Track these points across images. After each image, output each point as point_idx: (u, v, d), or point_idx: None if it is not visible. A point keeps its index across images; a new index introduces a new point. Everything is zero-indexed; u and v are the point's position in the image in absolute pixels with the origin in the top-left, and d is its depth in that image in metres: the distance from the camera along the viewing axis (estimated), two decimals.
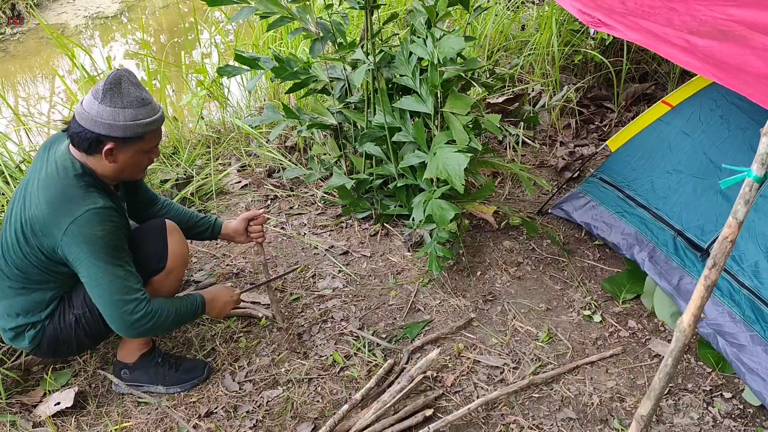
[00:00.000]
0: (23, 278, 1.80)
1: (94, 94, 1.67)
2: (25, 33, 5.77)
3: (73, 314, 1.84)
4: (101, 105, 1.65)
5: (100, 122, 1.66)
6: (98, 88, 1.67)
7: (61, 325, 1.85)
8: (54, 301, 1.85)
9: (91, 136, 1.67)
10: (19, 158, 3.05)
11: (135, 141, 1.71)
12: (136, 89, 1.69)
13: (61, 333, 1.85)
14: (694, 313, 1.29)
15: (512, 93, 3.76)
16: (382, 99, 2.57)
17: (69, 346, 1.90)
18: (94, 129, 1.66)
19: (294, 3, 2.49)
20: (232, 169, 3.29)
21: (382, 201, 2.90)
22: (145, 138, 1.73)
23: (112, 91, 1.66)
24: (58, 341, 1.87)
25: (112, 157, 1.72)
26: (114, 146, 1.70)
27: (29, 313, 1.83)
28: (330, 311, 2.42)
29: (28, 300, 1.82)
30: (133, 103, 1.68)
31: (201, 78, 3.72)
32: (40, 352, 1.91)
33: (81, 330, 1.86)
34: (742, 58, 1.37)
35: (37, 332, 1.84)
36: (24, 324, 1.84)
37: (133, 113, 1.67)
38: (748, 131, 2.27)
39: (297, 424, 1.96)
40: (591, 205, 2.72)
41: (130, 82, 1.68)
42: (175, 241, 1.97)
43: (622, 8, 1.64)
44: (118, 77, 1.67)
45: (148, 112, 1.71)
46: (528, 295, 2.54)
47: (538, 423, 1.99)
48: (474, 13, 2.62)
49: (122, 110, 1.66)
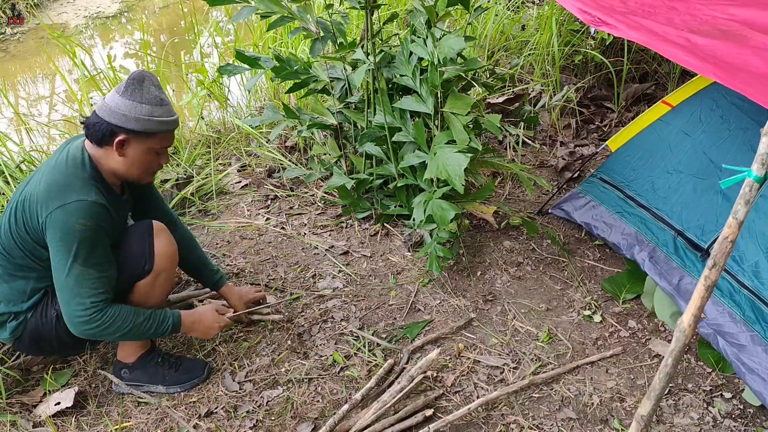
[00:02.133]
0: (7, 261, 1.82)
1: (117, 89, 1.75)
2: (25, 33, 5.78)
3: (55, 309, 1.85)
4: (122, 98, 1.73)
5: (117, 113, 1.72)
6: (122, 83, 1.75)
7: (43, 319, 1.86)
8: (37, 294, 1.86)
9: (106, 127, 1.73)
10: (20, 158, 3.05)
11: (147, 137, 1.76)
12: (156, 90, 1.77)
13: (42, 328, 1.86)
14: (694, 313, 1.29)
15: (512, 93, 3.76)
16: (382, 99, 2.57)
17: (50, 343, 1.90)
18: (110, 120, 1.72)
19: (294, 2, 2.49)
20: (233, 169, 3.29)
21: (382, 201, 2.90)
22: (157, 136, 1.78)
23: (134, 86, 1.73)
24: (40, 336, 1.87)
25: (122, 150, 1.77)
26: (126, 138, 1.75)
27: (11, 301, 1.85)
28: (330, 311, 2.42)
29: (11, 287, 1.85)
30: (152, 100, 1.74)
31: (201, 78, 3.72)
32: (22, 345, 1.92)
33: (62, 328, 1.84)
34: (742, 58, 1.37)
35: (18, 324, 1.85)
36: (6, 312, 1.85)
37: (149, 109, 1.74)
38: (749, 131, 2.27)
39: (297, 424, 1.96)
40: (591, 205, 2.72)
41: (152, 82, 1.76)
42: (163, 243, 1.92)
43: (623, 7, 1.64)
44: (141, 76, 1.75)
45: (164, 112, 1.77)
46: (528, 295, 2.54)
47: (539, 423, 1.99)
48: (474, 13, 2.62)
49: (140, 105, 1.73)
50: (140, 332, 1.84)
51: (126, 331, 1.80)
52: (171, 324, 1.91)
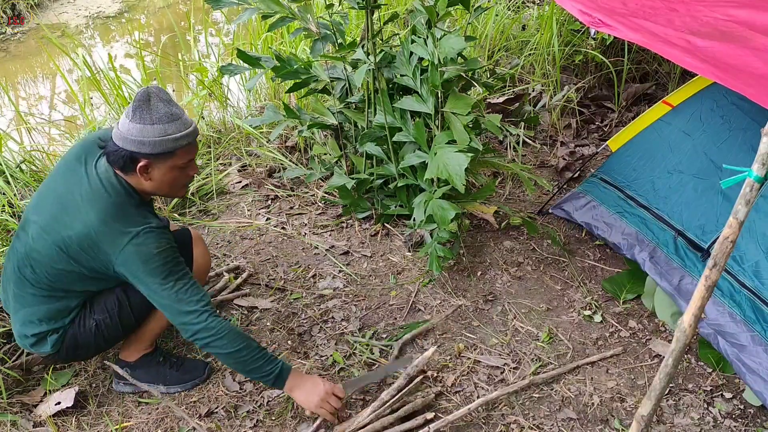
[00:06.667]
0: (50, 287, 1.79)
1: (126, 113, 1.70)
2: (25, 33, 5.77)
3: (94, 319, 1.85)
4: (131, 123, 1.67)
5: (130, 139, 1.67)
6: (129, 107, 1.69)
7: (81, 329, 1.85)
8: (77, 308, 1.85)
9: (125, 154, 1.69)
10: (20, 158, 3.04)
11: (166, 157, 1.71)
12: (165, 105, 1.69)
13: (80, 337, 1.86)
14: (694, 313, 1.29)
15: (513, 93, 3.76)
16: (382, 99, 2.57)
17: (87, 349, 1.91)
18: (126, 147, 1.68)
19: (295, 2, 2.49)
20: (233, 169, 3.29)
21: (382, 201, 2.90)
22: (177, 153, 1.72)
23: (141, 108, 1.67)
24: (78, 345, 1.87)
25: (147, 175, 1.73)
26: (147, 163, 1.71)
27: (52, 320, 1.83)
28: (330, 311, 2.42)
29: (53, 308, 1.82)
30: (162, 119, 1.68)
31: (200, 77, 3.72)
32: (60, 356, 1.91)
33: (100, 335, 1.87)
34: (742, 59, 1.37)
35: (59, 337, 1.84)
36: (47, 330, 1.83)
37: (162, 129, 1.67)
38: (749, 131, 2.27)
39: (297, 424, 1.96)
40: (591, 205, 2.72)
41: (159, 98, 1.69)
42: (200, 253, 2.01)
43: (623, 9, 1.64)
44: (147, 94, 1.68)
45: (178, 127, 1.70)
46: (528, 295, 2.54)
47: (539, 423, 1.99)
48: (474, 13, 2.62)
49: (151, 126, 1.67)
50: (248, 360, 1.74)
51: (236, 352, 1.72)
52: (278, 372, 1.78)
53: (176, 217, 2.93)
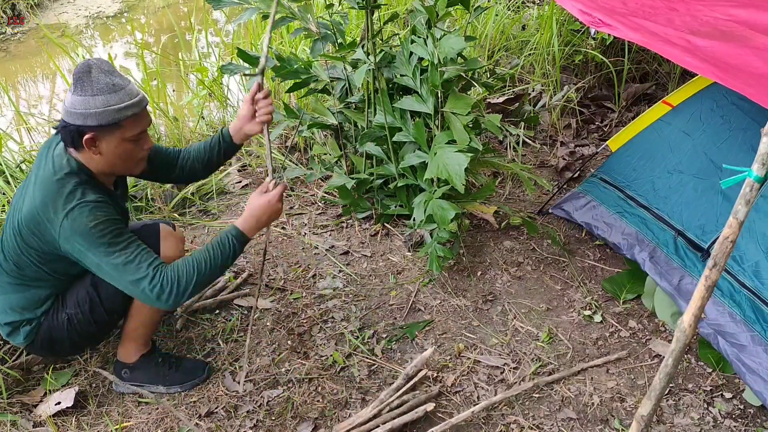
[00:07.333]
0: (20, 274, 1.81)
1: (71, 87, 1.67)
2: (25, 33, 5.77)
3: (66, 314, 1.85)
4: (74, 95, 1.64)
5: (74, 113, 1.64)
6: (71, 80, 1.66)
7: (54, 323, 1.85)
8: (49, 299, 1.86)
9: (72, 129, 1.66)
10: (20, 158, 3.05)
11: (113, 128, 1.67)
12: (106, 76, 1.64)
13: (54, 331, 1.86)
14: (694, 313, 1.29)
15: (513, 93, 3.76)
16: (382, 99, 2.57)
17: (62, 345, 1.90)
18: (73, 121, 1.65)
19: (295, 2, 2.49)
20: (233, 168, 3.29)
21: (382, 201, 2.90)
22: (123, 125, 1.68)
23: (82, 80, 1.62)
24: (52, 339, 1.87)
25: (96, 149, 1.70)
26: (94, 136, 1.67)
27: (25, 309, 1.84)
28: (330, 311, 2.42)
29: (25, 296, 1.84)
30: (104, 89, 1.63)
31: (200, 77, 3.72)
32: (35, 349, 1.92)
33: (73, 330, 1.86)
34: (742, 59, 1.37)
35: (32, 329, 1.85)
36: (20, 320, 1.85)
37: (104, 99, 1.63)
38: (749, 131, 2.27)
39: (297, 424, 1.96)
40: (591, 205, 2.72)
41: (100, 69, 1.64)
42: (168, 247, 1.92)
43: (623, 8, 1.64)
44: (87, 66, 1.63)
45: (121, 98, 1.65)
46: (528, 295, 2.54)
47: (539, 423, 1.99)
48: (474, 13, 2.62)
49: (92, 98, 1.62)
50: (217, 265, 1.74)
51: (207, 271, 1.71)
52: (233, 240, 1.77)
53: (176, 217, 2.93)
